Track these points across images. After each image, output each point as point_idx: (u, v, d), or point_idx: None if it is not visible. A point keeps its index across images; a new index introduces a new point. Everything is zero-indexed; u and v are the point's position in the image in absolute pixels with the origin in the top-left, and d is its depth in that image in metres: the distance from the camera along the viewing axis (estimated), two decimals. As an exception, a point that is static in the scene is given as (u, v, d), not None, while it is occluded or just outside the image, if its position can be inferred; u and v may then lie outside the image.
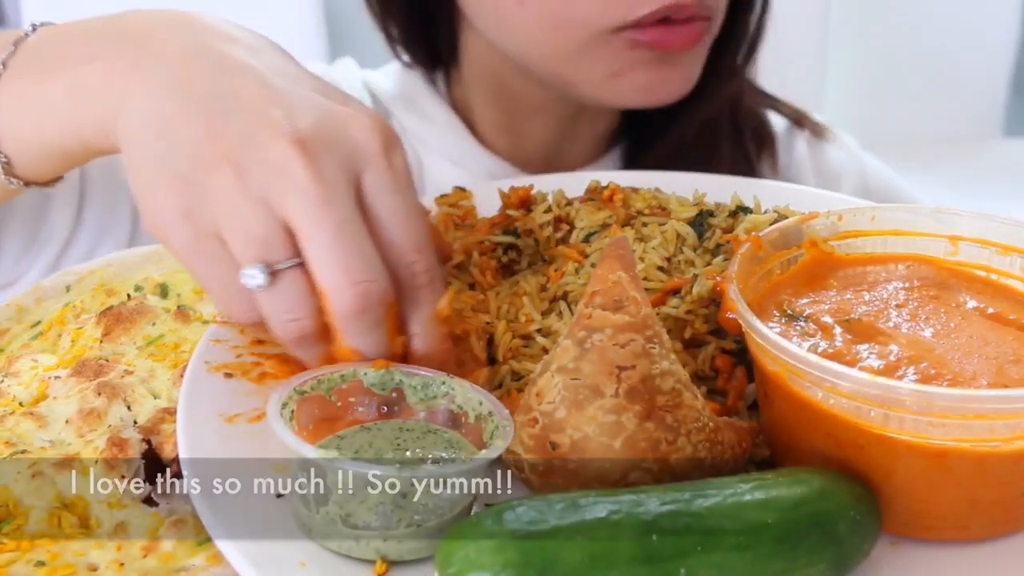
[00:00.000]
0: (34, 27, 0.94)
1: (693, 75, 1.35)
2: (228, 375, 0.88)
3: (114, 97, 0.85)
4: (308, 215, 0.78)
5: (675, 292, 0.93)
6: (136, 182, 0.83)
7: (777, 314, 0.82)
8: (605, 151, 1.54)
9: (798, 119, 1.64)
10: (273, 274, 0.79)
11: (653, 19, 1.25)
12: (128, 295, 1.06)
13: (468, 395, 0.78)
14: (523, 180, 1.16)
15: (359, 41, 1.70)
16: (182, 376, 0.88)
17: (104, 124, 0.86)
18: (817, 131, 1.63)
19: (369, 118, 0.84)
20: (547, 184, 1.14)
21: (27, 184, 0.97)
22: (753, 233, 0.87)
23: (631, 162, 1.51)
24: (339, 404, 0.79)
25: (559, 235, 1.05)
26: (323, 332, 0.82)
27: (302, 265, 0.80)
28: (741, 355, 0.88)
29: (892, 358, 0.75)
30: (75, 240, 1.30)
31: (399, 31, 1.50)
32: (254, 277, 0.79)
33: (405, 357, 0.86)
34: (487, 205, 1.12)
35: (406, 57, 1.52)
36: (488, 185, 1.16)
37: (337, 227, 0.78)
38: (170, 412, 0.87)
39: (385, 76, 1.58)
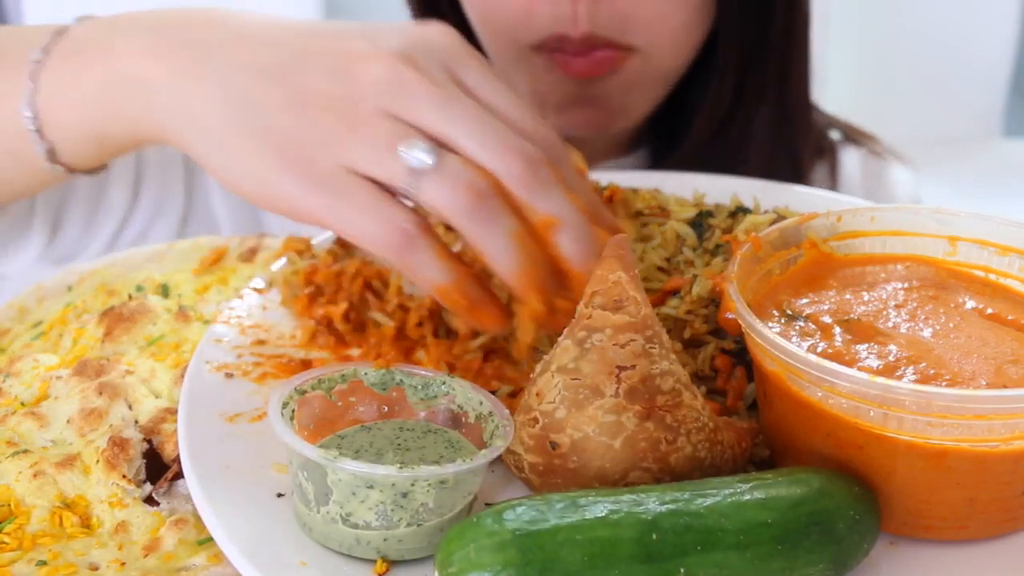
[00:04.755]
0: (78, 20, 0.94)
1: (615, 111, 1.33)
2: (229, 375, 0.88)
3: (163, 81, 0.85)
4: (443, 114, 0.78)
5: (675, 292, 0.93)
6: (233, 171, 0.82)
7: (776, 314, 0.82)
8: (630, 150, 1.52)
9: (853, 136, 1.62)
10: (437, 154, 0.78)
11: (550, 46, 1.26)
12: (129, 295, 1.06)
13: (468, 395, 0.78)
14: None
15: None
16: (183, 376, 0.88)
17: (152, 110, 0.86)
18: (875, 151, 1.61)
19: (440, 26, 0.85)
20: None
21: (71, 171, 0.97)
22: (753, 233, 0.87)
23: (657, 162, 1.49)
24: (340, 404, 0.79)
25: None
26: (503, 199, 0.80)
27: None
28: (741, 355, 0.88)
29: (891, 358, 0.75)
30: (132, 218, 1.32)
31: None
32: (421, 156, 0.77)
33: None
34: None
35: None
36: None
37: (476, 114, 0.79)
38: (171, 412, 0.87)
39: None
